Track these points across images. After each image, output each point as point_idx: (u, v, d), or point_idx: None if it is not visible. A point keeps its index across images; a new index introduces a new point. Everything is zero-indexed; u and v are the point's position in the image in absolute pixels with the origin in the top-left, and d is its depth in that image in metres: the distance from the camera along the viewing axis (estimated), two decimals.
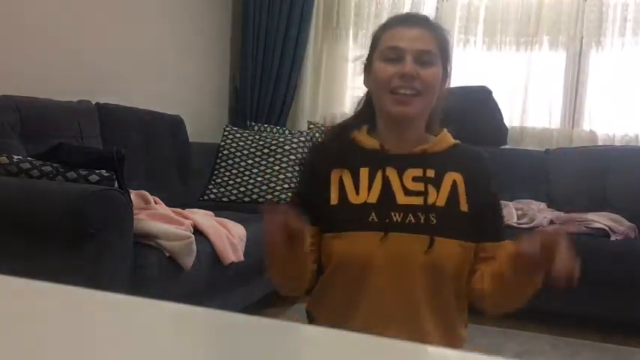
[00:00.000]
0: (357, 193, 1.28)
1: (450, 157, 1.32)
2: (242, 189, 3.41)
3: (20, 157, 2.01)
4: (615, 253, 2.82)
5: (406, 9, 3.94)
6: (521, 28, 3.78)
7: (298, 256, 1.18)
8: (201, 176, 3.44)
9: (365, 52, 1.36)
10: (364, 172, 1.29)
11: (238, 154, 3.52)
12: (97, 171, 1.93)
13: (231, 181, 3.45)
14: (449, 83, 1.36)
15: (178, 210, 2.42)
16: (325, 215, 1.28)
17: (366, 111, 1.36)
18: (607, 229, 2.91)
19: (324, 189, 1.30)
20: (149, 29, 3.42)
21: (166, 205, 2.48)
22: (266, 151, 3.50)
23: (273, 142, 3.52)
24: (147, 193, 2.45)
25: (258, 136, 3.59)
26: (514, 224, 3.03)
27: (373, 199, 1.26)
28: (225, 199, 3.40)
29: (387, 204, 1.25)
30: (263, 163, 3.47)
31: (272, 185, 3.38)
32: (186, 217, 2.35)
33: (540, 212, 3.14)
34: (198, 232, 2.29)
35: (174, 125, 3.30)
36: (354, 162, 1.30)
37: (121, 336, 0.48)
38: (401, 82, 1.24)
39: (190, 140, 3.41)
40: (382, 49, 1.28)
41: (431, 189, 1.26)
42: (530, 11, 3.76)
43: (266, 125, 3.86)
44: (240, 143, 3.56)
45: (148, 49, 3.40)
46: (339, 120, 3.11)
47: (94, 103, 2.80)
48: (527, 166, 3.51)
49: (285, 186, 3.37)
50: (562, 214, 3.12)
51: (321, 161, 1.34)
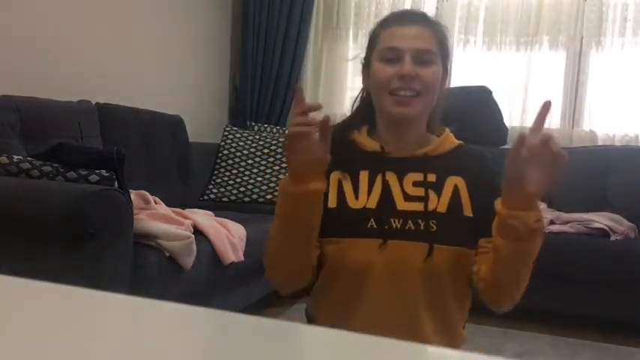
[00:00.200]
0: (357, 197, 1.26)
1: (453, 160, 1.29)
2: (242, 189, 3.41)
3: (20, 157, 2.01)
4: (615, 253, 2.82)
5: (409, 8, 3.94)
6: (521, 28, 3.78)
7: (314, 196, 1.17)
8: (201, 176, 3.44)
9: (363, 52, 1.35)
10: (364, 176, 1.27)
11: (238, 154, 3.53)
12: (97, 171, 1.93)
13: (231, 181, 3.45)
14: (449, 81, 1.35)
15: (178, 210, 2.42)
16: (323, 218, 1.26)
17: (366, 111, 1.34)
18: (607, 229, 2.91)
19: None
20: (149, 29, 3.42)
21: (166, 205, 2.48)
22: (266, 151, 3.50)
23: (273, 142, 3.52)
24: (147, 193, 2.45)
25: (258, 136, 3.60)
26: None
27: (372, 204, 1.24)
28: (225, 199, 3.40)
29: (387, 210, 1.23)
30: (263, 163, 3.47)
31: (272, 185, 3.38)
32: (186, 217, 2.35)
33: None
34: (198, 232, 2.29)
35: (174, 125, 3.30)
36: (354, 165, 1.29)
37: (121, 336, 0.48)
38: (400, 83, 1.22)
39: (190, 140, 3.41)
40: (380, 50, 1.26)
41: (432, 194, 1.24)
42: (530, 11, 3.76)
43: (266, 125, 3.86)
44: (240, 143, 3.56)
45: (148, 49, 3.40)
46: (339, 120, 3.10)
47: (94, 103, 2.80)
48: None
49: None
50: (562, 214, 3.12)
51: None
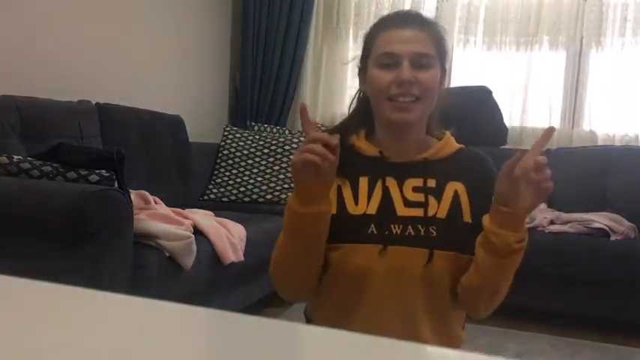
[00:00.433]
0: (356, 203, 1.25)
1: (453, 165, 1.29)
2: (242, 189, 3.41)
3: (20, 157, 2.01)
4: (615, 253, 2.82)
5: (408, 9, 3.93)
6: (521, 28, 3.78)
7: (323, 212, 1.17)
8: (201, 176, 3.44)
9: (359, 55, 1.33)
10: (364, 182, 1.27)
11: (238, 154, 3.53)
12: (97, 171, 1.93)
13: (231, 181, 3.45)
14: (448, 81, 1.33)
15: (178, 210, 2.42)
16: None
17: (363, 114, 1.33)
18: (607, 229, 2.91)
19: None
20: (149, 29, 3.42)
21: (166, 205, 2.48)
22: (266, 151, 3.50)
23: (273, 142, 3.52)
24: (147, 193, 2.45)
25: (258, 136, 3.60)
26: None
27: (372, 210, 1.23)
28: (225, 199, 3.40)
29: (387, 216, 1.23)
30: (263, 163, 3.47)
31: (272, 185, 3.38)
32: (186, 217, 2.35)
33: (540, 212, 3.14)
34: (198, 232, 2.29)
35: (174, 125, 3.30)
36: (354, 170, 1.28)
37: (121, 336, 0.48)
38: (399, 89, 1.20)
39: (190, 140, 3.41)
40: (377, 55, 1.24)
41: (432, 200, 1.24)
42: (530, 11, 3.76)
43: (266, 125, 3.86)
44: (240, 143, 3.56)
45: (147, 49, 3.41)
46: (339, 120, 3.10)
47: (94, 103, 2.80)
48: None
49: (285, 186, 3.37)
50: (562, 214, 3.12)
51: None
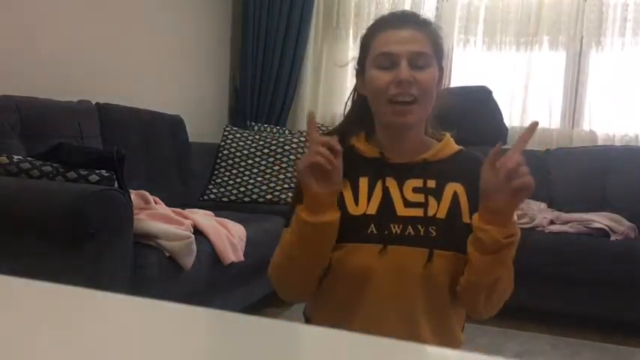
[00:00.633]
0: (357, 203, 1.26)
1: (452, 166, 1.29)
2: (242, 189, 3.41)
3: (20, 157, 2.01)
4: (615, 253, 2.82)
5: (406, 9, 3.93)
6: (521, 28, 3.78)
7: (330, 221, 1.19)
8: (201, 176, 3.44)
9: (356, 56, 1.34)
10: (364, 182, 1.27)
11: (238, 154, 3.52)
12: (97, 171, 1.93)
13: (231, 181, 3.45)
14: (447, 81, 1.34)
15: (178, 210, 2.42)
16: None
17: (362, 115, 1.33)
18: (607, 229, 2.91)
19: None
20: (149, 29, 3.42)
21: (166, 205, 2.48)
22: (266, 151, 3.50)
23: (273, 142, 3.52)
24: (147, 193, 2.45)
25: (258, 136, 3.60)
26: None
27: (372, 210, 1.24)
28: (225, 199, 3.40)
29: (387, 216, 1.23)
30: (263, 163, 3.47)
31: (272, 185, 3.38)
32: (186, 217, 2.35)
33: (540, 212, 3.14)
34: (198, 232, 2.29)
35: (174, 125, 3.30)
36: (354, 171, 1.28)
37: (121, 336, 0.48)
38: (398, 89, 1.21)
39: (190, 140, 3.41)
40: (374, 56, 1.25)
41: (431, 200, 1.24)
42: (530, 11, 3.76)
43: (266, 125, 3.86)
44: (240, 143, 3.56)
45: (148, 49, 3.41)
46: (339, 120, 3.10)
47: (94, 103, 2.80)
48: (527, 166, 3.50)
49: (285, 186, 3.37)
50: (562, 214, 3.12)
51: None
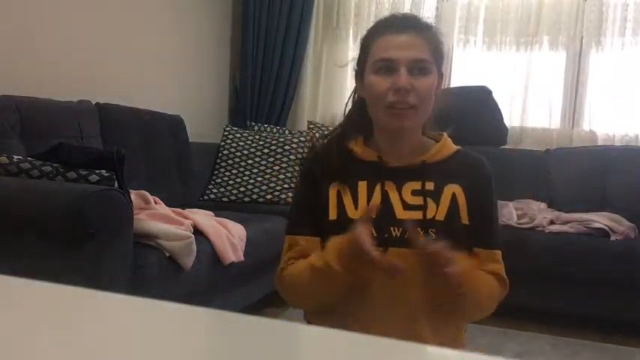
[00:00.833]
0: (356, 207, 1.26)
1: (451, 167, 1.30)
2: (242, 189, 3.41)
3: (20, 157, 2.01)
4: (615, 253, 2.82)
5: (406, 9, 3.93)
6: (521, 28, 3.78)
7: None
8: (201, 176, 3.44)
9: (356, 58, 1.34)
10: (363, 186, 1.28)
11: (238, 154, 3.52)
12: (97, 171, 1.92)
13: (231, 181, 3.45)
14: (446, 81, 1.34)
15: (178, 210, 2.42)
16: (325, 229, 1.27)
17: (361, 119, 1.33)
18: (607, 229, 2.91)
19: (324, 202, 1.29)
20: (149, 29, 3.42)
21: (166, 205, 2.48)
22: (266, 151, 3.50)
23: (273, 142, 3.52)
24: (147, 193, 2.44)
25: (258, 136, 3.60)
26: (514, 224, 3.03)
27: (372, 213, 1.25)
28: (225, 199, 3.40)
29: (386, 219, 1.24)
30: (263, 163, 3.47)
31: (272, 185, 3.38)
32: (186, 217, 2.35)
33: (540, 212, 3.14)
34: (198, 232, 2.29)
35: (174, 125, 3.30)
36: (353, 175, 1.29)
37: (121, 336, 0.48)
38: (396, 96, 1.21)
39: (190, 140, 3.41)
40: (374, 61, 1.25)
41: (430, 203, 1.25)
42: (530, 11, 3.76)
43: (266, 125, 3.86)
44: (240, 143, 3.56)
45: (148, 49, 3.40)
46: (338, 120, 3.09)
47: (94, 103, 2.80)
48: (527, 166, 3.51)
49: (285, 186, 3.37)
50: (562, 214, 3.12)
51: (320, 173, 1.32)
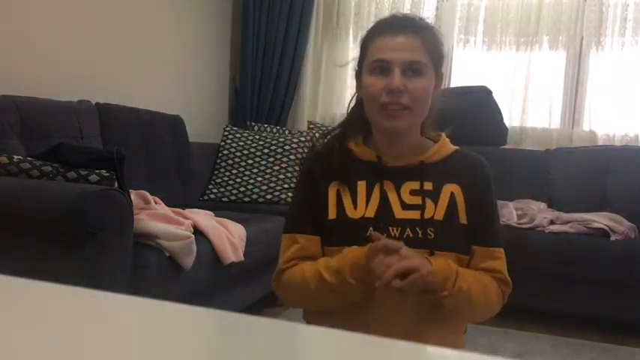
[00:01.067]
0: (355, 207, 1.27)
1: (449, 167, 1.30)
2: (242, 189, 3.41)
3: (20, 157, 2.01)
4: (615, 253, 2.82)
5: (406, 9, 3.93)
6: (521, 28, 3.78)
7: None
8: (201, 176, 3.44)
9: (355, 59, 1.35)
10: (362, 186, 1.28)
11: (238, 154, 3.52)
12: (97, 171, 1.92)
13: (231, 181, 3.45)
14: (446, 80, 1.34)
15: (178, 210, 2.42)
16: (324, 228, 1.28)
17: (360, 119, 1.34)
18: (607, 229, 2.91)
19: (323, 202, 1.29)
20: (149, 29, 3.42)
21: (166, 205, 2.48)
22: (266, 151, 3.50)
23: (273, 142, 3.52)
24: (147, 193, 2.44)
25: (258, 136, 3.59)
26: (514, 224, 3.03)
27: (371, 213, 1.25)
28: (225, 199, 3.40)
29: (385, 219, 1.24)
30: (263, 163, 3.47)
31: (272, 185, 3.38)
32: (186, 217, 2.35)
33: (540, 212, 3.14)
34: (198, 232, 2.29)
35: (174, 125, 3.30)
36: (352, 175, 1.30)
37: (121, 336, 0.48)
38: (389, 97, 1.22)
39: (190, 140, 3.41)
40: (370, 61, 1.26)
41: (429, 202, 1.25)
42: (530, 11, 3.76)
43: (266, 125, 3.86)
44: (240, 143, 3.56)
45: (147, 49, 3.40)
46: (338, 120, 3.11)
47: (94, 103, 2.80)
48: (527, 166, 3.51)
49: (285, 186, 3.37)
50: (562, 214, 3.12)
51: (320, 173, 1.32)
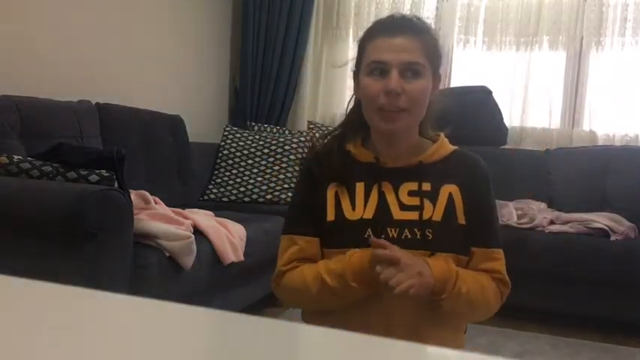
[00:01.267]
0: (353, 208, 1.27)
1: (447, 167, 1.30)
2: (242, 189, 3.41)
3: (20, 157, 2.01)
4: (615, 253, 2.82)
5: (406, 9, 3.93)
6: (521, 28, 3.78)
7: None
8: (201, 176, 3.44)
9: (353, 59, 1.34)
10: (360, 187, 1.28)
11: (238, 154, 3.52)
12: (97, 171, 1.92)
13: (231, 181, 3.45)
14: (446, 80, 1.34)
15: (178, 210, 2.42)
16: (323, 230, 1.28)
17: (359, 120, 1.34)
18: (607, 229, 2.91)
19: (322, 203, 1.29)
20: (149, 29, 3.42)
21: (166, 205, 2.48)
22: (266, 151, 3.50)
23: (273, 142, 3.52)
24: (147, 193, 2.44)
25: (258, 136, 3.59)
26: (514, 224, 3.03)
27: (369, 214, 1.25)
28: (225, 199, 3.40)
29: (383, 220, 1.24)
30: (263, 163, 3.47)
31: (272, 185, 3.38)
32: (186, 217, 2.35)
33: (540, 212, 3.14)
34: (198, 232, 2.29)
35: (174, 125, 3.30)
36: (351, 176, 1.30)
37: (121, 336, 0.48)
38: (386, 99, 1.21)
39: (190, 140, 3.41)
40: (367, 62, 1.25)
41: (427, 203, 1.25)
42: (530, 11, 3.76)
43: (266, 125, 3.86)
44: (240, 143, 3.56)
45: (147, 49, 3.40)
46: (338, 120, 3.11)
47: (94, 103, 2.80)
48: (527, 166, 3.51)
49: (285, 186, 3.37)
50: (562, 214, 3.12)
51: (320, 174, 1.32)
